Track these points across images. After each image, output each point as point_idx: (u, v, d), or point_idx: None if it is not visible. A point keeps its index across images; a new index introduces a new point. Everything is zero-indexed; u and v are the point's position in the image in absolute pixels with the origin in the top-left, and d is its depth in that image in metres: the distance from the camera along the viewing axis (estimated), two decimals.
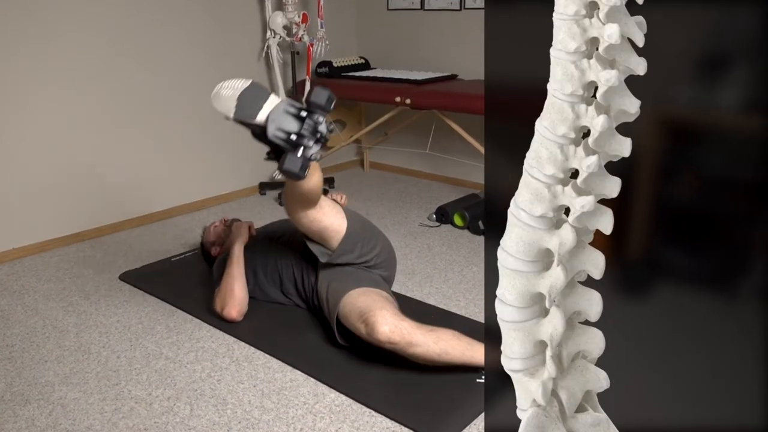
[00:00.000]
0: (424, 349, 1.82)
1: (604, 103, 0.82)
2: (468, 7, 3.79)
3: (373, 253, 2.18)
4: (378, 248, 2.21)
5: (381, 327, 1.82)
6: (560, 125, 0.83)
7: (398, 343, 1.82)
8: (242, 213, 3.52)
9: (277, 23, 3.67)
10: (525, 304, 0.84)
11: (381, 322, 1.83)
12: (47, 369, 2.05)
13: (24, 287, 2.66)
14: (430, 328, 1.87)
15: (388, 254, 2.29)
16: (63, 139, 3.04)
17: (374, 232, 2.27)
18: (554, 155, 0.83)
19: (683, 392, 0.90)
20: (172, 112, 3.46)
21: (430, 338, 1.83)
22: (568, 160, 0.83)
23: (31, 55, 2.88)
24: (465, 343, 1.86)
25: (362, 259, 2.15)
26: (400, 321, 1.85)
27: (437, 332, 1.86)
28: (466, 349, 1.85)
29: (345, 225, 2.08)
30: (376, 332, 1.83)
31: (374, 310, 1.88)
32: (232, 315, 2.24)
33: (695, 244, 0.91)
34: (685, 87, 0.98)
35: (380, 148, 4.41)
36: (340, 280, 2.10)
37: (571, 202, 0.83)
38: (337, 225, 2.07)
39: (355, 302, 1.97)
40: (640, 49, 0.83)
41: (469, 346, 1.86)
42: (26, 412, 1.84)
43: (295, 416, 1.79)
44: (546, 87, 0.86)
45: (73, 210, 3.13)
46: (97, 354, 2.13)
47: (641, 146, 0.91)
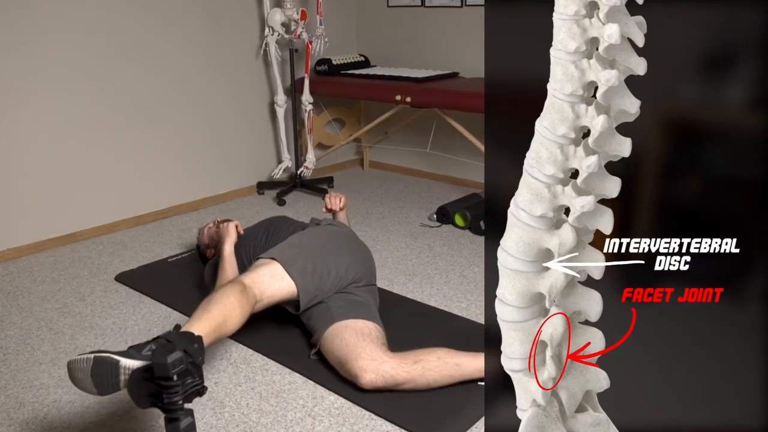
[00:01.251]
0: (412, 386, 1.83)
1: (604, 103, 0.84)
2: (469, 3, 3.81)
3: (338, 277, 2.12)
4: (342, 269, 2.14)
5: (363, 378, 1.83)
6: (560, 125, 0.85)
7: (384, 387, 1.83)
8: (240, 213, 3.53)
9: (275, 20, 3.68)
10: (525, 304, 0.86)
11: (361, 373, 1.83)
12: (42, 371, 2.06)
13: (18, 288, 2.68)
14: (415, 359, 1.85)
15: (359, 263, 2.23)
16: (58, 138, 3.06)
17: (333, 255, 2.18)
18: (554, 155, 0.85)
19: (683, 392, 0.92)
20: (169, 110, 3.48)
21: (416, 372, 1.83)
22: (568, 160, 0.85)
23: (27, 55, 2.90)
24: (452, 365, 1.85)
25: (331, 291, 2.11)
26: (380, 365, 1.83)
27: (423, 362, 1.84)
28: (455, 371, 1.85)
29: (293, 285, 2.02)
30: (360, 383, 1.84)
31: (350, 362, 1.86)
32: None
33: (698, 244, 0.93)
34: (689, 86, 0.99)
35: (380, 147, 4.43)
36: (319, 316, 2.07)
37: (571, 202, 0.85)
38: (286, 292, 2.01)
39: (332, 348, 1.95)
40: (640, 49, 0.85)
41: (458, 366, 1.85)
42: (21, 415, 1.85)
43: (293, 419, 1.81)
44: (546, 86, 0.88)
45: (68, 210, 3.15)
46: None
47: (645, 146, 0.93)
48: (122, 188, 3.35)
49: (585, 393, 0.88)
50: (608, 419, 0.88)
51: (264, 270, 2.02)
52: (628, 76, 0.85)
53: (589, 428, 0.87)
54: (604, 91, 0.83)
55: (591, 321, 0.87)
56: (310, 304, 2.08)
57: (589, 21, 0.84)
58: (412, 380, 1.82)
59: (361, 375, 1.83)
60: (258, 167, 3.92)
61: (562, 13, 0.84)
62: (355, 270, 2.20)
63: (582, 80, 0.84)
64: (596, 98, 0.84)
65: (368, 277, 2.28)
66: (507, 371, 0.89)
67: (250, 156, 3.93)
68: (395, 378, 1.82)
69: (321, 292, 2.09)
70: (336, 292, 2.13)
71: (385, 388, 1.83)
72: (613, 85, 0.83)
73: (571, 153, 0.85)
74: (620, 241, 0.90)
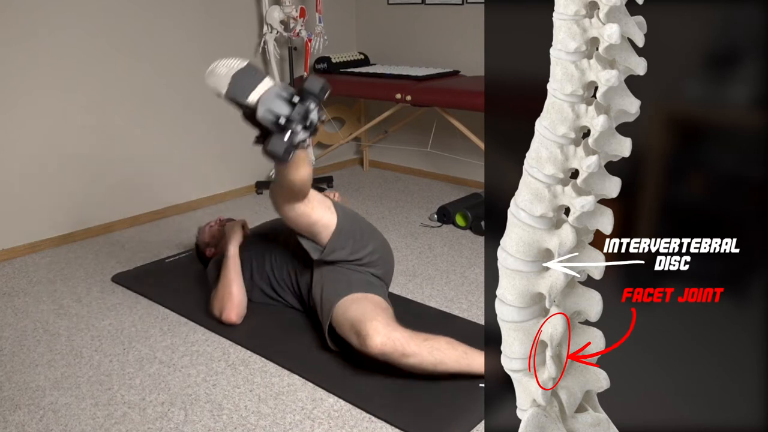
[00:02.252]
0: (418, 360, 1.85)
1: (604, 103, 0.85)
2: (470, 1, 3.83)
3: (366, 251, 2.20)
4: (371, 246, 2.23)
5: (373, 339, 1.85)
6: (560, 125, 0.86)
7: (391, 354, 1.85)
8: (238, 213, 3.55)
9: (274, 18, 3.70)
10: (525, 304, 0.88)
11: (372, 333, 1.86)
12: (38, 373, 2.08)
13: (14, 289, 2.69)
14: (425, 337, 1.88)
15: (383, 252, 2.30)
16: (54, 137, 3.08)
17: (367, 229, 2.29)
18: (554, 155, 0.87)
19: (683, 392, 0.93)
20: (167, 109, 3.49)
21: (424, 348, 1.85)
22: (568, 160, 0.87)
23: (23, 52, 2.91)
24: (461, 352, 1.88)
25: (354, 257, 2.17)
26: (393, 331, 1.87)
27: (432, 341, 1.87)
28: (462, 358, 1.87)
29: (335, 220, 2.11)
30: (368, 344, 1.86)
31: (365, 321, 1.90)
32: (231, 318, 2.27)
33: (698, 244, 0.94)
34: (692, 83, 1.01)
35: (380, 146, 4.44)
36: (332, 284, 2.12)
37: (571, 202, 0.86)
38: (326, 220, 2.10)
39: (347, 311, 1.99)
40: (640, 49, 0.87)
41: (465, 355, 1.88)
42: (16, 417, 1.87)
43: (292, 422, 1.82)
44: (546, 86, 0.89)
45: (64, 210, 3.16)
46: (89, 358, 2.16)
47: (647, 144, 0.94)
48: (118, 188, 3.36)
49: (585, 393, 0.89)
50: (608, 419, 0.90)
51: (318, 194, 2.12)
52: (628, 76, 0.87)
53: (589, 428, 0.88)
54: (604, 91, 0.85)
55: (591, 321, 0.89)
56: (332, 255, 2.13)
57: (589, 21, 0.85)
58: (420, 354, 1.84)
59: (372, 335, 1.85)
60: (256, 167, 3.93)
61: (562, 13, 0.85)
62: (380, 255, 2.25)
63: (582, 80, 0.86)
64: (596, 98, 0.86)
65: (387, 269, 2.32)
66: (507, 371, 0.91)
67: (248, 155, 3.92)
68: (404, 347, 1.84)
69: (350, 246, 2.14)
70: (358, 265, 2.18)
71: (392, 355, 1.84)
72: (613, 85, 0.84)
73: (571, 153, 0.87)
74: (620, 241, 0.91)
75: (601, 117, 0.85)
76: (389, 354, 1.85)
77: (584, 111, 0.86)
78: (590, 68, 0.86)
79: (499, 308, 0.90)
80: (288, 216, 2.06)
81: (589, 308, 0.88)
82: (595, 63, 0.86)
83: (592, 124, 0.85)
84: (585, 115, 0.86)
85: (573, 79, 0.86)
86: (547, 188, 0.87)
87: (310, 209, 2.05)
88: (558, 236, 0.87)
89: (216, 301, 2.31)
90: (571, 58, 0.86)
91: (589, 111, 0.86)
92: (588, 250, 0.88)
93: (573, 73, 0.86)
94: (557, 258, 0.86)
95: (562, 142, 0.87)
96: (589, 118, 0.86)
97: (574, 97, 0.86)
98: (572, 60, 0.86)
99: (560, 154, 0.87)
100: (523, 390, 0.90)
